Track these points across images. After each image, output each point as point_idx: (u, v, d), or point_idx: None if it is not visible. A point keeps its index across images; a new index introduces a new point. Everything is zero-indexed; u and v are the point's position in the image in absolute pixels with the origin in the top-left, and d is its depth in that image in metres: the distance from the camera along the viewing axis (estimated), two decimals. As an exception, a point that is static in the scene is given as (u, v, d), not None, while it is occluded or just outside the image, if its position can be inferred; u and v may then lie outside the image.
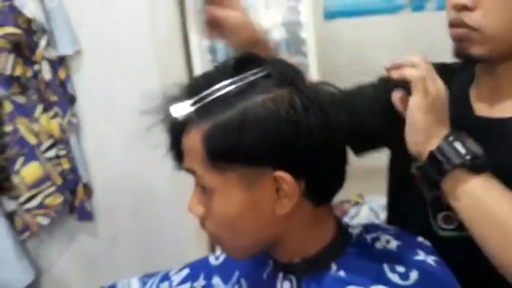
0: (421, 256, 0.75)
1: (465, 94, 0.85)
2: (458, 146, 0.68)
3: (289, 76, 0.67)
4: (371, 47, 2.41)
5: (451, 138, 0.69)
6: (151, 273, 1.00)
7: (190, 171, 0.69)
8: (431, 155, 0.69)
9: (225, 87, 0.65)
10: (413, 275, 0.71)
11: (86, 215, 1.78)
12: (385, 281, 0.69)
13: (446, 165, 0.68)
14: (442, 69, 0.91)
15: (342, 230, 0.77)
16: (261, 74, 0.67)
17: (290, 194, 0.66)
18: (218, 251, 0.92)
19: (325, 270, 0.72)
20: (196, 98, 0.66)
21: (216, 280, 0.86)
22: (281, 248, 0.73)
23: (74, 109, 1.70)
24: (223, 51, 2.09)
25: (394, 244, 0.77)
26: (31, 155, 1.69)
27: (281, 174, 0.64)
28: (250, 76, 0.66)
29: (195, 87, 0.68)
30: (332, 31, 2.49)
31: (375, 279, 0.69)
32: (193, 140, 0.67)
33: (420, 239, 0.80)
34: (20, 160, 1.69)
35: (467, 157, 0.67)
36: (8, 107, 1.65)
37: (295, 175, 0.65)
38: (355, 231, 0.79)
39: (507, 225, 0.65)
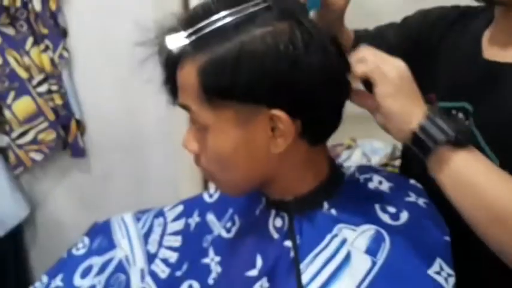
0: (412, 198, 0.75)
1: (478, 38, 0.82)
2: (439, 122, 0.63)
3: (291, 9, 0.64)
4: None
5: (431, 115, 0.64)
6: (144, 210, 1.00)
7: (185, 107, 0.67)
8: (414, 135, 0.65)
9: (223, 18, 0.62)
10: (404, 216, 0.71)
11: (79, 151, 1.76)
12: (376, 220, 0.70)
13: (429, 143, 0.64)
14: (464, 12, 0.89)
15: (335, 170, 0.76)
16: (261, 6, 0.64)
17: (285, 134, 0.64)
18: (212, 189, 0.92)
19: (317, 209, 0.71)
20: (192, 30, 0.63)
21: (210, 217, 0.86)
22: (274, 185, 0.72)
23: (66, 43, 1.64)
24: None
25: (386, 185, 0.77)
26: (22, 89, 1.66)
27: (277, 112, 0.63)
28: (250, 7, 0.63)
29: (192, 17, 0.65)
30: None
31: (366, 219, 0.70)
32: (188, 74, 0.64)
33: (412, 181, 0.80)
34: (12, 94, 1.66)
35: (451, 133, 0.63)
36: (-3, 38, 1.61)
37: (291, 114, 0.63)
38: (348, 171, 0.78)
39: (491, 201, 0.62)
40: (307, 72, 0.62)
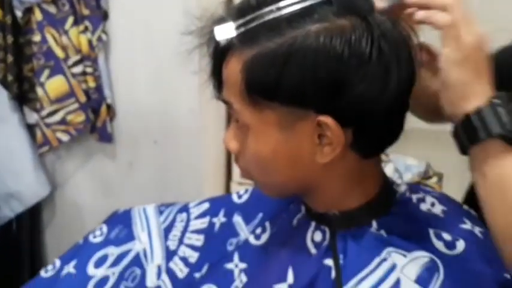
0: (467, 225, 0.68)
1: None
2: (502, 112, 0.55)
3: (355, 4, 0.57)
4: None
5: (495, 101, 0.56)
6: (169, 203, 0.97)
7: (227, 103, 0.63)
8: (467, 118, 0.57)
9: (276, 10, 0.57)
10: (460, 245, 0.64)
11: (106, 137, 1.74)
12: (430, 247, 0.64)
13: (481, 132, 0.56)
14: None
15: (388, 186, 0.70)
16: None
17: (333, 143, 0.58)
18: (242, 190, 0.87)
19: (365, 227, 0.66)
20: (242, 21, 0.58)
21: (237, 218, 0.82)
22: (317, 196, 0.67)
23: (105, 26, 1.62)
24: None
25: (439, 208, 0.71)
26: (57, 68, 1.64)
27: (325, 119, 0.57)
28: (309, 0, 0.57)
29: (244, 7, 0.60)
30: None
31: (419, 245, 0.63)
32: (233, 69, 0.60)
33: (466, 207, 0.74)
34: (46, 72, 1.65)
35: (509, 128, 0.55)
36: (38, 15, 1.59)
37: (341, 122, 0.57)
38: (400, 189, 0.72)
39: None
40: (364, 80, 0.55)
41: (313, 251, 0.68)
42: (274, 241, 0.74)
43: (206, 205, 0.89)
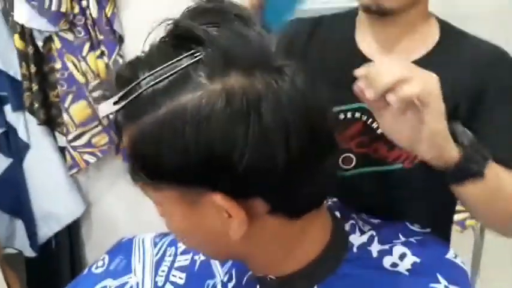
0: (440, 284, 0.58)
1: (351, 42, 0.85)
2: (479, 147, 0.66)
3: (230, 59, 0.47)
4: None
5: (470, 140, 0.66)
6: (164, 233, 0.97)
7: (133, 178, 0.56)
8: (466, 155, 0.64)
9: (154, 79, 0.48)
10: None
11: (130, 157, 1.77)
12: None
13: (481, 163, 0.66)
14: (316, 23, 0.92)
15: (338, 240, 0.61)
16: (196, 58, 0.48)
17: (236, 218, 0.50)
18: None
19: None
20: (121, 94, 0.50)
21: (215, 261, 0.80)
22: (251, 262, 0.61)
23: (121, 49, 1.65)
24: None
25: (409, 261, 0.60)
26: (80, 93, 1.70)
27: (215, 197, 0.48)
28: (185, 61, 0.48)
29: (121, 77, 0.51)
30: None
31: None
32: (125, 145, 0.53)
33: (450, 254, 0.63)
34: (69, 98, 1.70)
35: (488, 155, 0.67)
36: (57, 43, 1.65)
37: (240, 196, 0.49)
38: (358, 241, 0.62)
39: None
40: (245, 150, 0.46)
41: None
42: None
43: None
